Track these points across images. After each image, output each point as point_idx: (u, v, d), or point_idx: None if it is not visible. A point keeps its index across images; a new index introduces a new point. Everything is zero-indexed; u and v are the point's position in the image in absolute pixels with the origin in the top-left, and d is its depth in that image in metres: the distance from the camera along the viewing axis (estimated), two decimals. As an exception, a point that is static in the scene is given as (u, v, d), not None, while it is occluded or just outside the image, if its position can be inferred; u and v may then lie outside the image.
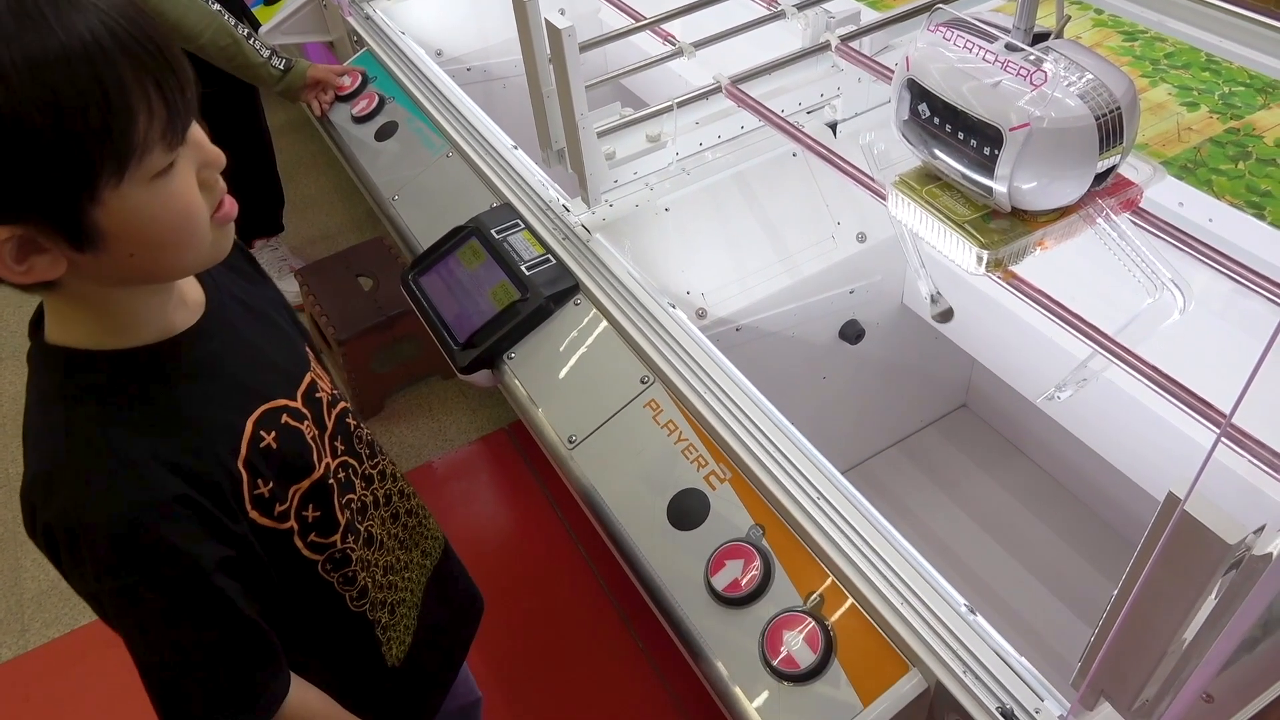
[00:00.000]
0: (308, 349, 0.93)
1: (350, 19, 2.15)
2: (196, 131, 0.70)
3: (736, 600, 1.06)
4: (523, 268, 1.46)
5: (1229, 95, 1.36)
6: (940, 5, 1.39)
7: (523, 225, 1.54)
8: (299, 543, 0.84)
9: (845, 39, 1.52)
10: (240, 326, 0.84)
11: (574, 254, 1.46)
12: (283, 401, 0.83)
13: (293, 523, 0.83)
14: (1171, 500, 0.61)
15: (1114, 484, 1.74)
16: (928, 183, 1.15)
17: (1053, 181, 0.99)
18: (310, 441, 0.85)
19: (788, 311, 1.64)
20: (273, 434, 0.80)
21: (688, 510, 1.15)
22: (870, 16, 1.66)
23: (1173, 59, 1.72)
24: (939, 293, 1.13)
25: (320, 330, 2.48)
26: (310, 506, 0.85)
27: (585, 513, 1.28)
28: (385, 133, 1.90)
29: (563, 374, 1.36)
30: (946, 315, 1.13)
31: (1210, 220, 1.24)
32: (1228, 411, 0.93)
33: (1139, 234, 1.05)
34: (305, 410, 0.86)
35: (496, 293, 1.46)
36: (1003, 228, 1.08)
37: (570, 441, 1.28)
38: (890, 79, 1.46)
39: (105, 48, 0.62)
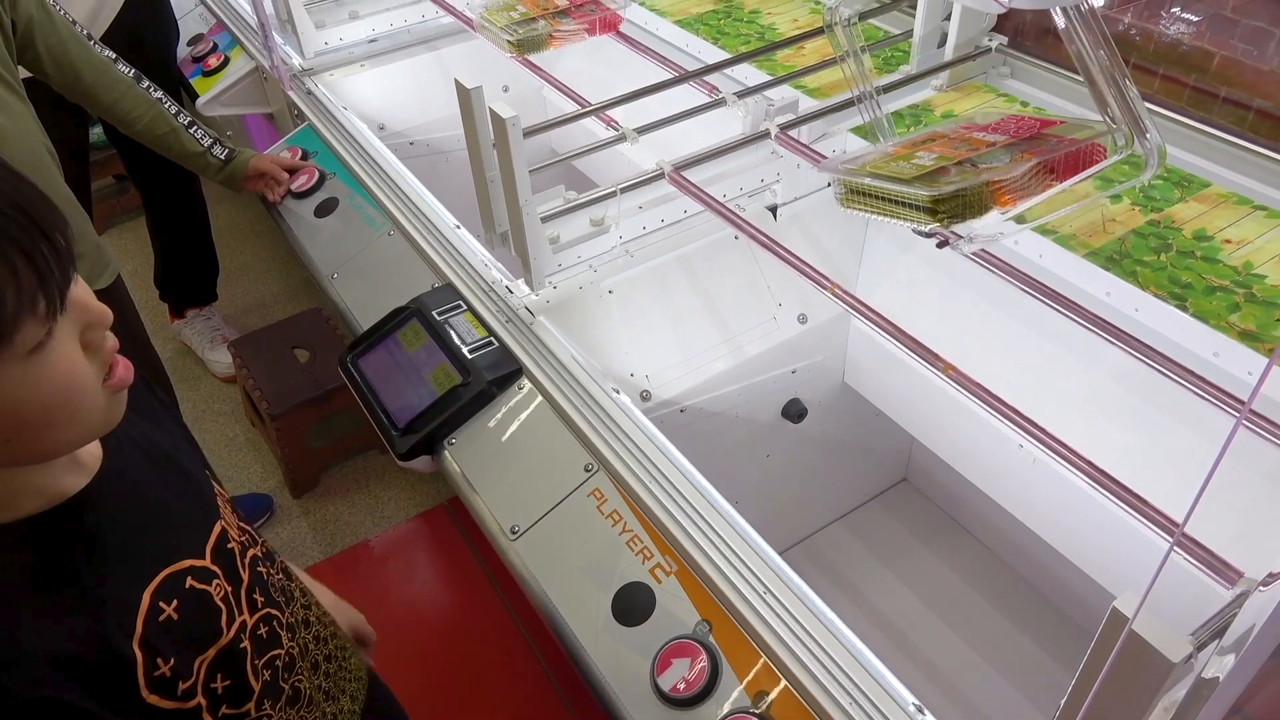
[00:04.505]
0: (215, 491, 0.85)
1: (291, 93, 2.13)
2: (77, 289, 0.62)
3: (683, 701, 1.03)
4: (465, 350, 1.44)
5: (1148, 188, 1.43)
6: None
7: (465, 306, 1.53)
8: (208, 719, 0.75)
9: (784, 127, 1.56)
10: (140, 480, 0.75)
11: (517, 337, 1.45)
12: (188, 563, 0.75)
13: (200, 699, 0.73)
14: (1117, 616, 0.61)
15: (1050, 560, 1.76)
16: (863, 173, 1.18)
17: None
18: (220, 603, 0.77)
19: (731, 392, 1.65)
20: (174, 603, 0.72)
21: (633, 605, 1.13)
22: (808, 104, 1.71)
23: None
24: None
25: (254, 404, 2.41)
26: (219, 676, 0.76)
27: (528, 599, 1.25)
28: (325, 209, 1.88)
29: (505, 461, 1.34)
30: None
31: (1136, 310, 1.28)
32: (1166, 509, 0.95)
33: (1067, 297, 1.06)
34: (215, 567, 0.78)
35: (437, 376, 1.44)
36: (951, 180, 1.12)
37: (513, 532, 1.26)
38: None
39: None
